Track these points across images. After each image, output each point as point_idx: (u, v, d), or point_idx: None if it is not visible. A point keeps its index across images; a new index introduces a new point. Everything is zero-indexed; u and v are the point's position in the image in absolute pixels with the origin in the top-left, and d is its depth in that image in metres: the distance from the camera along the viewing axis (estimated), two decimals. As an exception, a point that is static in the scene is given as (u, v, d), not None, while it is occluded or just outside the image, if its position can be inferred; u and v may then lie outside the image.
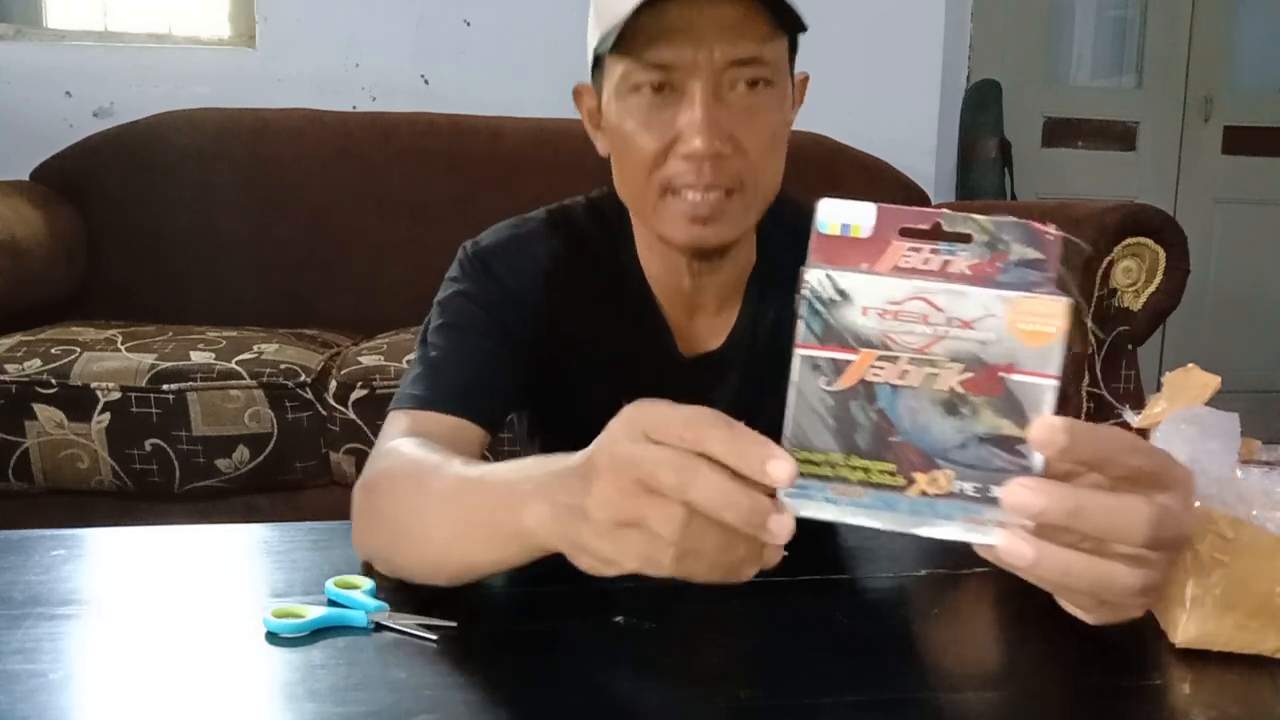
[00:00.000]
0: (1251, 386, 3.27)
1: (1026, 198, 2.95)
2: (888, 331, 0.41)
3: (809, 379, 0.42)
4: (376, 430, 1.59)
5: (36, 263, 1.90)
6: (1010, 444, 0.41)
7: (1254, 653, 0.58)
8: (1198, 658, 0.59)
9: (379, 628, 0.59)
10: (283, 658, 0.56)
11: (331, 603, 0.62)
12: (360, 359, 1.66)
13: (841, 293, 0.41)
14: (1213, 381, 0.67)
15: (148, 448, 1.56)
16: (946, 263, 0.42)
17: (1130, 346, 1.87)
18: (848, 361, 0.42)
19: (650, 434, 0.44)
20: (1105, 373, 1.82)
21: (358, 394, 1.59)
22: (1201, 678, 0.57)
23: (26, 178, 2.16)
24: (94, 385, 1.55)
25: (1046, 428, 0.41)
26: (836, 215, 0.42)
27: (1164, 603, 0.61)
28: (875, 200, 0.43)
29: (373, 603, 0.61)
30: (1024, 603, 0.70)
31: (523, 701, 0.52)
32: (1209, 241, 3.22)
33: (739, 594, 0.68)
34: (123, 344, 1.65)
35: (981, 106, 2.85)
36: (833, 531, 0.89)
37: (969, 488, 0.42)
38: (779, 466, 0.41)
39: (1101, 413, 1.80)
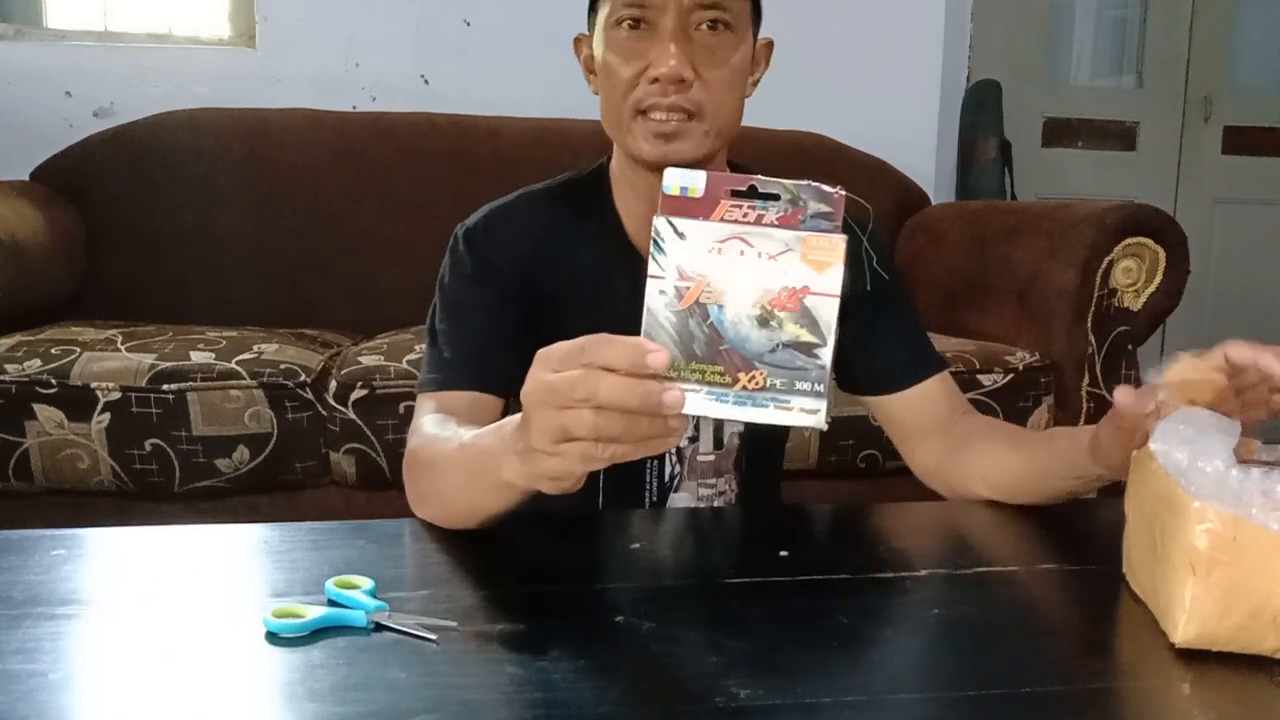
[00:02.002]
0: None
1: (1026, 197, 2.95)
2: (715, 264, 0.54)
3: (657, 302, 0.54)
4: (377, 430, 1.60)
5: (36, 263, 1.90)
6: (807, 348, 0.54)
7: (1254, 653, 0.58)
8: (1197, 658, 0.59)
9: (379, 628, 0.59)
10: (283, 658, 0.56)
11: (331, 603, 0.62)
12: (360, 359, 1.65)
13: (680, 235, 0.54)
14: (1217, 379, 0.68)
15: (148, 448, 1.56)
16: (760, 215, 0.54)
17: (1130, 346, 1.87)
18: (686, 288, 0.54)
19: (555, 366, 0.55)
20: (1105, 373, 1.82)
21: (358, 394, 1.59)
22: (1201, 678, 0.57)
23: (26, 178, 2.16)
24: (94, 385, 1.55)
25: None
26: (677, 180, 0.55)
27: (1162, 603, 0.62)
28: (875, 201, 0.47)
29: (373, 603, 0.61)
30: (1024, 603, 0.70)
31: (523, 701, 0.52)
32: (1209, 241, 3.22)
33: (739, 594, 0.68)
34: (123, 344, 1.65)
35: (981, 106, 2.85)
36: (833, 531, 0.89)
37: (779, 383, 0.54)
38: (656, 356, 0.53)
39: (1101, 413, 1.83)
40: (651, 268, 0.54)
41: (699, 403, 0.54)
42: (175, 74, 2.38)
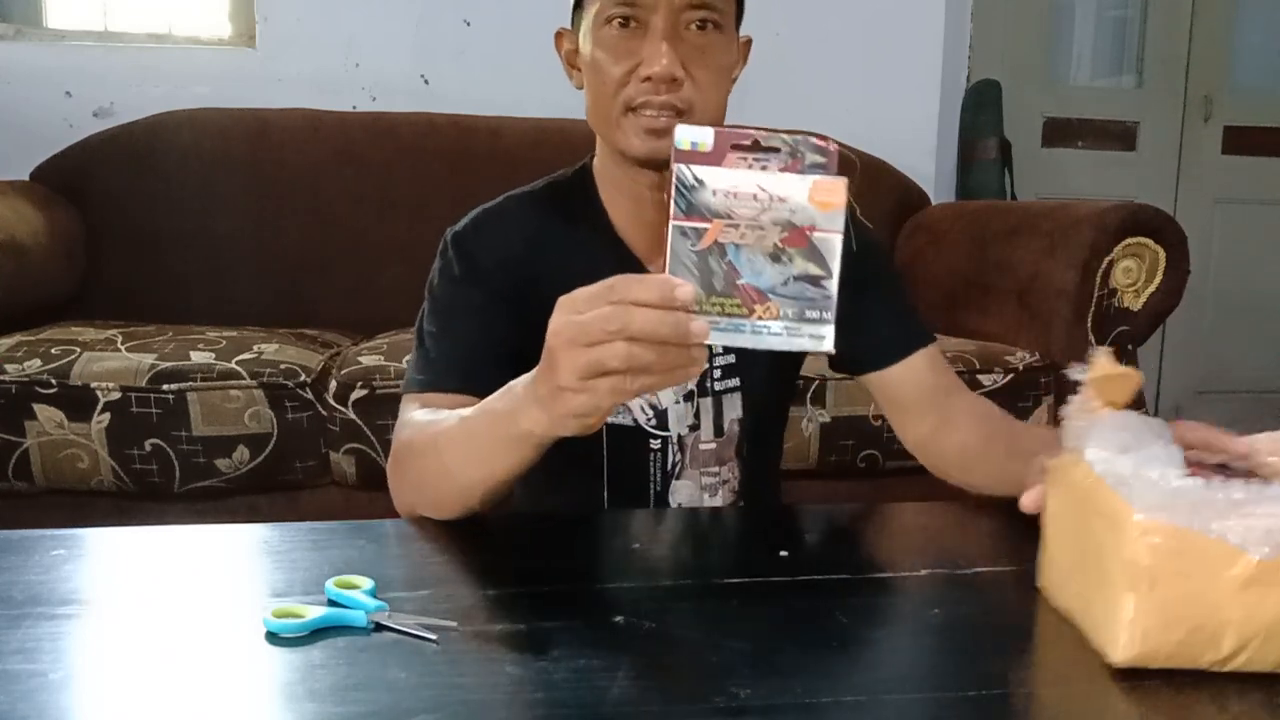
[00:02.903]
0: (1251, 386, 3.27)
1: (1026, 197, 2.95)
2: (731, 207, 0.58)
3: (680, 243, 0.58)
4: (377, 430, 1.60)
5: (36, 263, 1.90)
6: (816, 280, 0.59)
7: (1191, 667, 0.56)
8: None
9: (379, 628, 0.59)
10: (283, 658, 0.56)
11: (331, 603, 0.62)
12: (360, 359, 1.65)
13: (699, 180, 0.58)
14: (1135, 377, 0.64)
15: (148, 448, 1.56)
16: (764, 166, 0.59)
17: (1130, 346, 1.87)
18: (705, 229, 0.58)
19: (581, 308, 0.59)
20: (1105, 373, 1.82)
21: (358, 394, 1.59)
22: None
23: (26, 178, 2.16)
24: (94, 385, 1.55)
25: None
26: (688, 135, 0.59)
27: (1096, 620, 0.59)
28: (875, 201, 0.48)
29: (373, 603, 0.61)
30: (1024, 603, 0.70)
31: (523, 701, 0.52)
32: (1209, 241, 3.22)
33: (739, 594, 0.68)
34: (123, 344, 1.65)
35: (981, 106, 2.85)
36: (833, 531, 0.89)
37: (790, 312, 0.59)
38: (683, 290, 0.57)
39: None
40: (673, 211, 0.58)
41: (720, 333, 0.58)
42: (175, 74, 2.38)
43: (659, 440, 0.98)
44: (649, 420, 0.98)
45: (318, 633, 0.58)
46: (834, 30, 2.63)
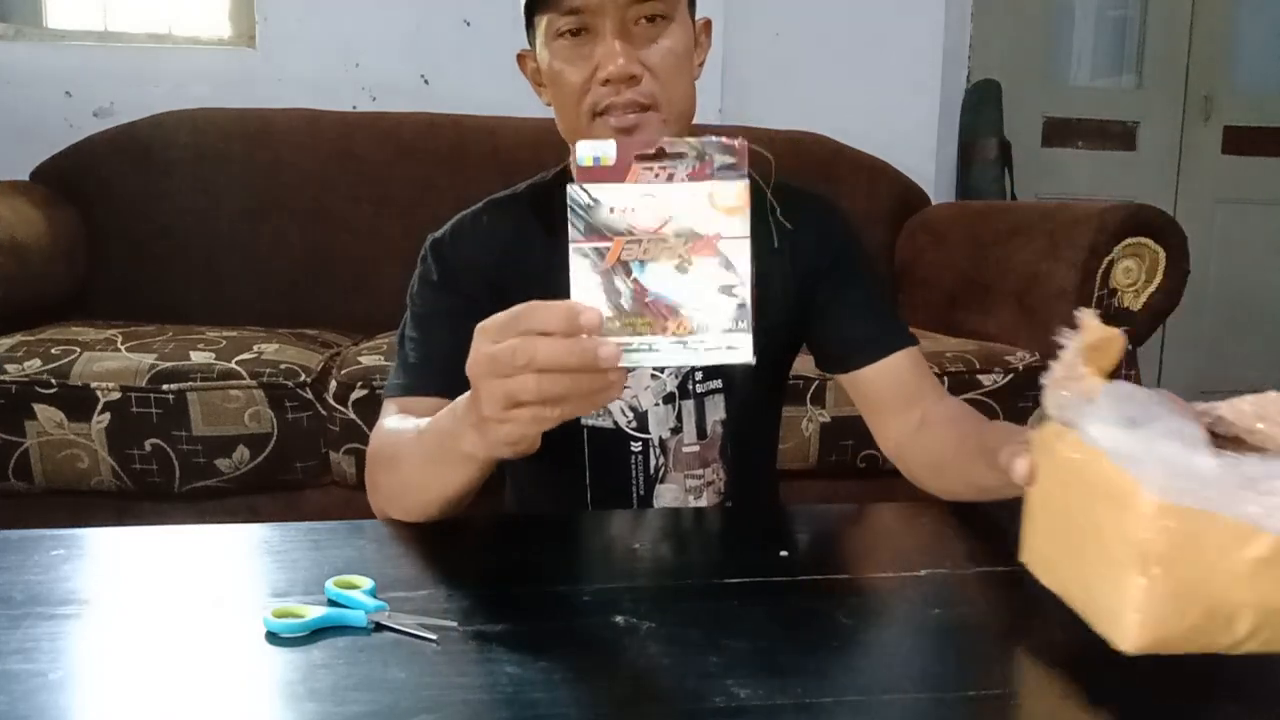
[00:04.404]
0: (1251, 386, 3.25)
1: (1026, 197, 2.95)
2: (631, 223, 0.56)
3: (581, 266, 0.56)
4: (376, 430, 1.59)
5: (37, 263, 1.90)
6: (728, 289, 0.56)
7: (1207, 652, 0.53)
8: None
9: (379, 628, 0.59)
10: (283, 658, 0.56)
11: (331, 603, 0.62)
12: (360, 359, 1.65)
13: (595, 200, 0.56)
14: (1121, 339, 0.60)
15: (148, 448, 1.56)
16: (671, 174, 0.57)
17: (1130, 346, 1.87)
18: (606, 248, 0.56)
19: (494, 338, 0.58)
20: (1105, 373, 1.82)
21: (358, 394, 1.59)
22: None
23: (26, 178, 2.16)
24: (94, 385, 1.55)
25: None
26: (589, 151, 0.57)
27: (1099, 605, 0.56)
28: (875, 201, 0.47)
29: (373, 603, 0.61)
30: (1024, 603, 0.70)
31: (523, 701, 0.52)
32: (1209, 241, 3.22)
33: (739, 594, 0.68)
34: (123, 344, 1.65)
35: (981, 106, 2.85)
36: (833, 531, 0.89)
37: (705, 325, 0.56)
38: (587, 315, 0.55)
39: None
40: (571, 234, 0.56)
41: (634, 353, 0.56)
42: (175, 74, 2.38)
43: (640, 443, 0.98)
44: (629, 423, 0.98)
45: (318, 633, 0.58)
46: (834, 30, 2.63)
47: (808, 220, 1.01)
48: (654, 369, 0.99)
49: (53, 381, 1.55)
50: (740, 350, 0.57)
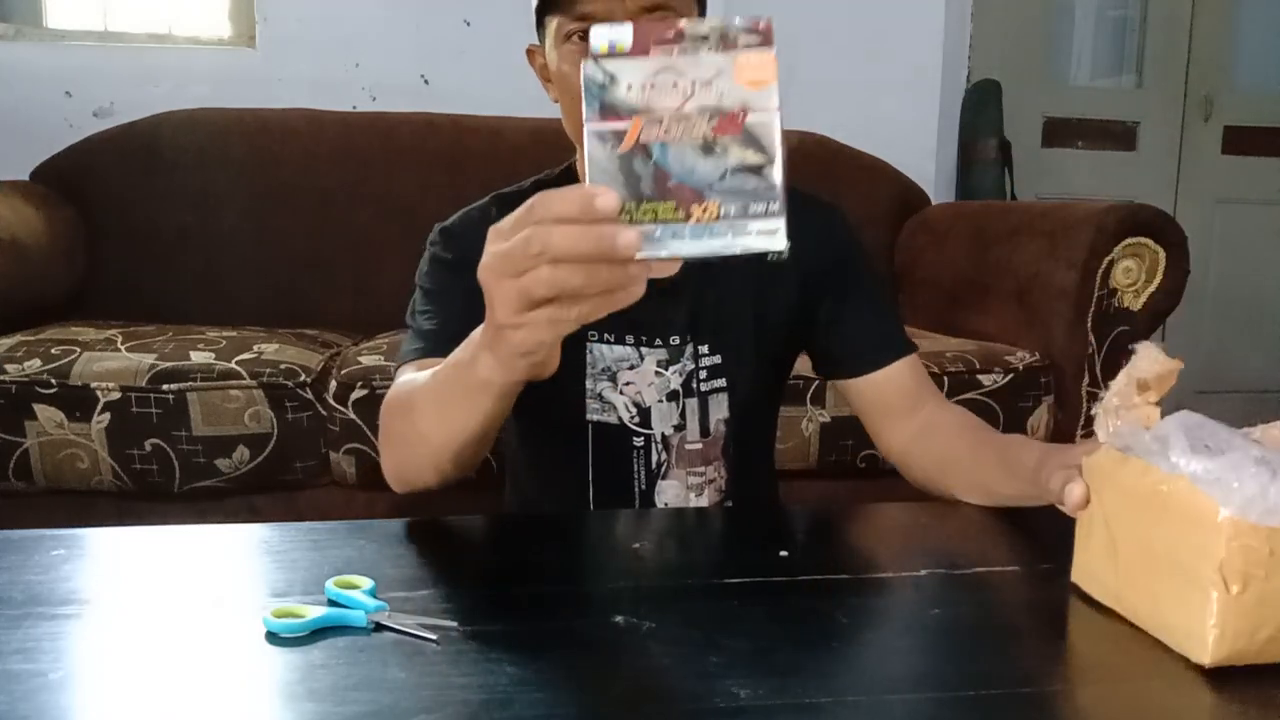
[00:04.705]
0: (1251, 386, 3.27)
1: (1026, 197, 2.95)
2: (650, 100, 0.52)
3: (598, 148, 0.52)
4: (377, 430, 1.59)
5: (36, 263, 1.90)
6: (757, 169, 0.52)
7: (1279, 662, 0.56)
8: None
9: (379, 628, 0.59)
10: (283, 658, 0.56)
11: (331, 603, 0.62)
12: (360, 359, 1.65)
13: (610, 76, 0.52)
14: (1175, 365, 0.64)
15: (148, 448, 1.56)
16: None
17: (1130, 347, 1.87)
18: (624, 129, 0.52)
19: (504, 236, 0.55)
20: (1105, 373, 1.82)
21: (358, 394, 1.59)
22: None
23: (26, 178, 2.16)
24: (94, 385, 1.55)
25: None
26: (605, 36, 0.53)
27: (1174, 621, 0.59)
28: (875, 201, 0.46)
29: (373, 603, 0.61)
30: (1024, 603, 0.70)
31: (523, 701, 0.52)
32: (1209, 241, 3.22)
33: (739, 594, 0.68)
34: (123, 344, 1.65)
35: (981, 106, 2.85)
36: (833, 531, 0.89)
37: (733, 209, 0.51)
38: (604, 199, 0.51)
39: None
40: (586, 115, 0.52)
41: (655, 243, 0.52)
42: (175, 74, 2.38)
43: (641, 438, 0.98)
44: (633, 418, 0.98)
45: (318, 633, 0.58)
46: (834, 30, 2.63)
47: (810, 223, 1.01)
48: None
49: (53, 381, 1.55)
50: (775, 235, 0.52)
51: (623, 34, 0.53)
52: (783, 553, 0.75)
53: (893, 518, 0.90)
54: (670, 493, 0.99)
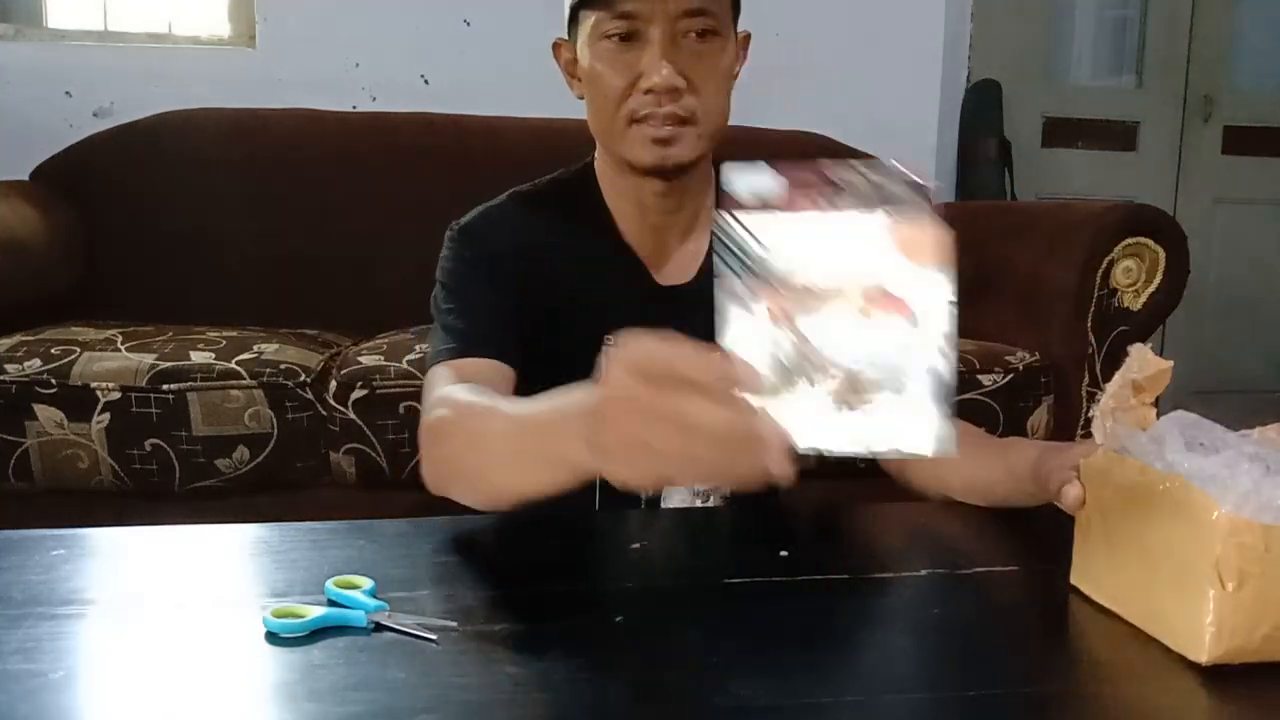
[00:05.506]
0: (1251, 386, 3.27)
1: (1026, 197, 2.95)
2: (797, 264, 0.45)
3: (735, 312, 0.47)
4: (377, 430, 1.60)
5: (36, 263, 1.90)
6: (915, 350, 0.45)
7: (1277, 660, 0.57)
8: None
9: (379, 628, 0.59)
10: (283, 658, 0.56)
11: (331, 603, 0.62)
12: (360, 359, 1.65)
13: (749, 233, 0.46)
14: (1166, 365, 0.64)
15: (148, 448, 1.56)
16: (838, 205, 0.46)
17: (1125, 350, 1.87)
18: (763, 296, 0.46)
19: (633, 367, 0.50)
20: (1105, 373, 1.82)
21: (358, 394, 1.59)
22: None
23: (26, 178, 2.16)
24: (94, 385, 1.55)
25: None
26: (742, 181, 0.47)
27: (1172, 620, 0.59)
28: None
29: (372, 603, 0.61)
30: (1024, 603, 0.70)
31: (523, 701, 0.52)
32: (1209, 241, 3.22)
33: (739, 594, 0.68)
34: (123, 344, 1.65)
35: (981, 106, 2.85)
36: (833, 531, 0.89)
37: (885, 401, 0.45)
38: (749, 376, 0.47)
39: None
40: (718, 269, 0.47)
41: (800, 432, 0.46)
42: (175, 74, 2.38)
43: None
44: None
45: (318, 633, 0.58)
46: (834, 30, 2.63)
47: None
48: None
49: (53, 381, 1.55)
50: (930, 441, 0.44)
51: (764, 182, 0.46)
52: (783, 553, 0.75)
53: (893, 518, 0.90)
54: (677, 498, 0.99)
